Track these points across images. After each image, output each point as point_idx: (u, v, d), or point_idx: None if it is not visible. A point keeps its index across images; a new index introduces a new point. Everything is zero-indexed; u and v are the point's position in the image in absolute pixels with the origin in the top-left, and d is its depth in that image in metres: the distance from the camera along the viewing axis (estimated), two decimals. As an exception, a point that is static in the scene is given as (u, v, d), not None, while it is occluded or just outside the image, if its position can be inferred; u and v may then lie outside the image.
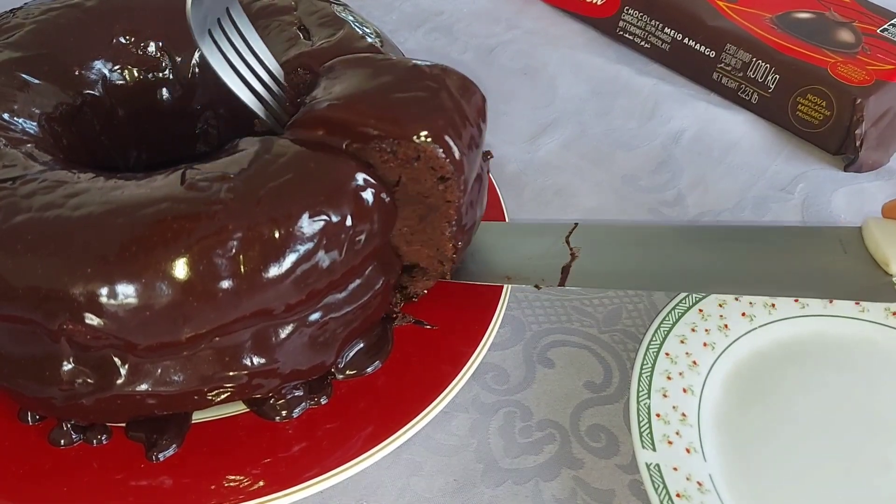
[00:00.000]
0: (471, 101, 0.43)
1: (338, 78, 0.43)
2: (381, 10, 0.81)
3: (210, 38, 0.40)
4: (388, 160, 0.41)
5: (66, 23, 0.49)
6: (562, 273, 0.46)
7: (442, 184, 0.41)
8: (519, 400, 0.48)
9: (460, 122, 0.41)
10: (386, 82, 0.42)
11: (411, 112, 0.40)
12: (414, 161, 0.40)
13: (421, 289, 0.46)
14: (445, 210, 0.42)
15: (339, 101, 0.41)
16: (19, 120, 0.44)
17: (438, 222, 0.43)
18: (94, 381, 0.38)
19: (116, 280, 0.35)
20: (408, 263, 0.45)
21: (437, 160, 0.40)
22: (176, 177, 0.38)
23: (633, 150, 0.67)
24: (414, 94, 0.41)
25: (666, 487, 0.40)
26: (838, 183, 0.65)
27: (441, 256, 0.45)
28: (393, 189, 0.42)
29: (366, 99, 0.41)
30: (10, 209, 0.37)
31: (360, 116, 0.40)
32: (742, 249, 0.48)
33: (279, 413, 0.42)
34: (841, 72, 0.66)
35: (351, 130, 0.40)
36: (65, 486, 0.38)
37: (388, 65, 0.43)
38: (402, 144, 0.40)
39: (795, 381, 0.48)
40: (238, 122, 0.51)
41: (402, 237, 0.44)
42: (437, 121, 0.40)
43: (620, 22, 0.78)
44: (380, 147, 0.40)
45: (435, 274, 0.46)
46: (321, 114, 0.41)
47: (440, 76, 0.42)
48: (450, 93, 0.42)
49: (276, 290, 0.38)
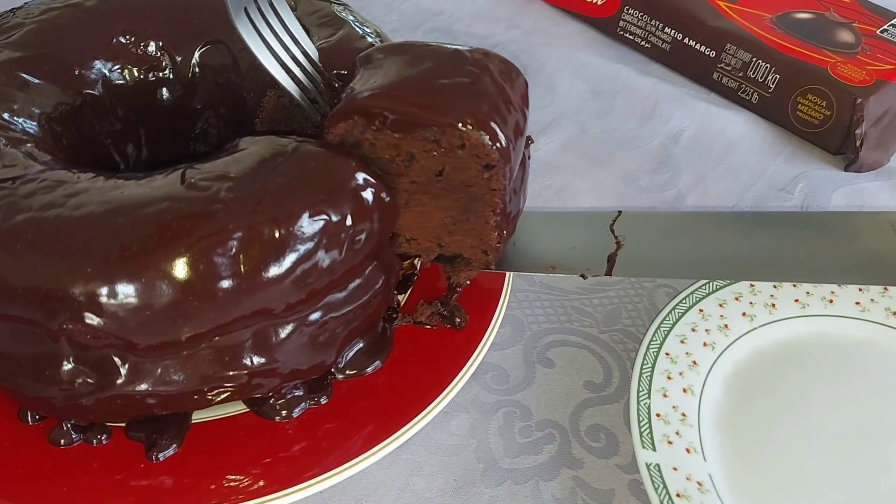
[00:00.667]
0: (514, 85, 0.42)
1: (377, 66, 0.42)
2: (381, 10, 0.81)
3: (247, 18, 0.39)
4: (432, 149, 0.40)
5: (66, 22, 0.49)
6: (608, 262, 0.45)
7: (487, 172, 0.40)
8: (519, 400, 0.48)
9: (505, 108, 0.40)
10: (427, 69, 0.41)
11: (454, 98, 0.39)
12: (458, 149, 0.39)
13: (464, 279, 0.45)
14: (490, 199, 0.41)
15: (379, 90, 0.40)
16: (19, 119, 0.44)
17: (482, 211, 0.42)
18: (94, 380, 0.38)
19: (116, 280, 0.35)
20: (450, 254, 0.45)
21: (483, 148, 0.39)
22: (176, 176, 0.38)
23: (632, 149, 0.67)
24: (456, 80, 0.40)
25: (666, 487, 0.40)
26: (838, 183, 0.65)
27: (485, 246, 0.43)
28: (436, 179, 0.41)
29: (407, 86, 0.40)
30: (11, 209, 0.37)
31: (402, 105, 0.39)
32: (791, 235, 0.46)
33: (279, 413, 0.42)
34: (841, 72, 0.66)
35: (392, 119, 0.39)
36: (65, 486, 0.38)
37: (428, 51, 0.42)
38: (447, 132, 0.39)
39: (796, 381, 0.48)
40: (238, 121, 0.51)
41: (444, 227, 0.43)
42: (481, 107, 0.39)
43: (621, 22, 0.78)
44: (423, 136, 0.39)
45: (479, 264, 0.44)
46: (362, 103, 0.40)
47: (482, 60, 0.41)
48: (493, 77, 0.41)
49: (276, 290, 0.38)
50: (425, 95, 0.40)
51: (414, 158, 0.40)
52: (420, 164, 0.40)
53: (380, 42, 0.49)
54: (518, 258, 0.46)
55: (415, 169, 0.41)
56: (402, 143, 0.40)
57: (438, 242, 0.44)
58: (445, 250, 0.45)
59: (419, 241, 0.44)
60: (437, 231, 0.44)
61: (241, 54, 0.50)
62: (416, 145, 0.40)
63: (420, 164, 0.41)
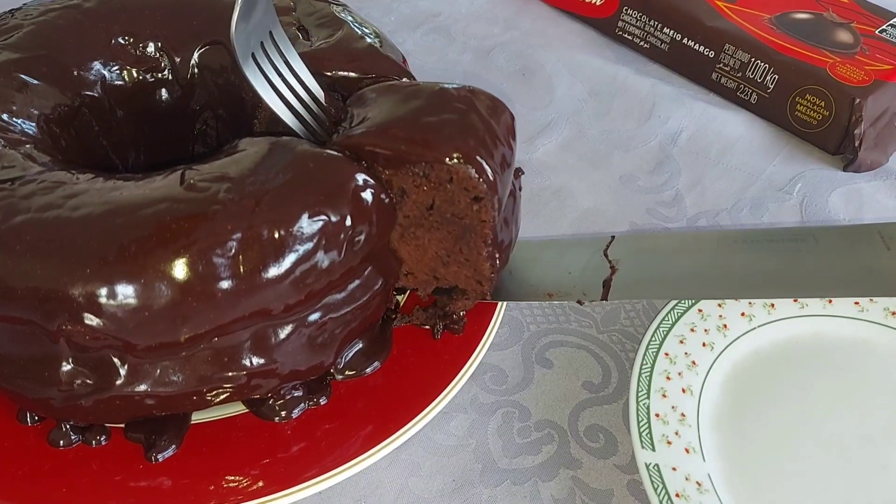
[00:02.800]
0: (500, 120, 0.43)
1: (367, 106, 0.43)
2: (379, 12, 0.81)
3: (253, 62, 0.41)
4: (422, 184, 0.41)
5: (64, 24, 0.49)
6: (603, 287, 0.46)
7: (476, 204, 0.41)
8: (517, 400, 0.48)
9: (491, 142, 0.41)
10: (415, 107, 0.42)
11: (442, 134, 0.41)
12: (447, 183, 0.41)
13: (460, 308, 0.46)
14: (481, 230, 0.42)
15: (370, 129, 0.41)
16: (18, 121, 0.44)
17: (475, 242, 0.43)
18: (93, 381, 0.38)
19: (115, 280, 0.35)
20: (446, 286, 0.46)
21: (471, 181, 0.40)
22: (175, 177, 0.38)
23: (631, 150, 0.67)
24: (443, 117, 0.41)
25: (665, 487, 0.41)
26: (836, 183, 0.65)
27: (479, 276, 0.44)
28: (428, 212, 0.42)
29: (396, 124, 0.41)
30: (10, 210, 0.37)
31: (391, 142, 0.41)
32: (783, 251, 0.47)
33: (278, 413, 0.42)
34: (840, 72, 0.66)
35: (383, 156, 0.41)
36: (64, 487, 0.38)
37: (415, 90, 0.43)
38: (435, 167, 0.40)
39: (794, 381, 0.48)
40: (237, 122, 0.51)
41: (439, 259, 0.44)
42: (468, 142, 0.41)
43: (619, 22, 0.78)
44: (412, 171, 0.41)
45: (475, 295, 0.45)
46: (354, 142, 0.41)
47: (468, 97, 0.43)
48: (479, 113, 0.42)
49: (275, 291, 0.38)
50: (414, 132, 0.41)
51: (406, 193, 0.42)
52: (412, 198, 0.42)
53: (379, 43, 0.49)
54: (514, 287, 0.47)
55: (407, 203, 0.42)
56: (394, 179, 0.41)
57: (434, 275, 0.45)
58: (442, 283, 0.45)
59: (416, 274, 0.45)
60: (432, 263, 0.44)
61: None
62: (407, 180, 0.41)
63: (412, 199, 0.42)
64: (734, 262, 0.47)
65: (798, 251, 0.47)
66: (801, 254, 0.47)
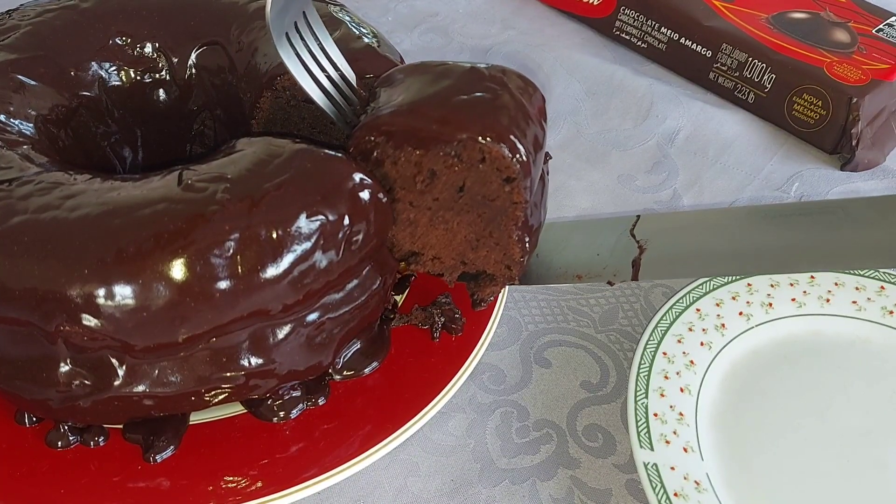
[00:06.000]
0: (532, 99, 0.42)
1: (397, 86, 0.42)
2: (377, 12, 0.81)
3: (287, 42, 0.40)
4: (453, 164, 0.40)
5: (61, 24, 0.49)
6: (633, 267, 0.45)
7: (508, 185, 0.40)
8: (516, 400, 0.48)
9: (524, 122, 0.40)
10: (446, 86, 0.41)
11: (474, 114, 0.40)
12: (479, 163, 0.40)
13: (488, 295, 0.45)
14: (512, 212, 0.41)
15: (400, 108, 0.41)
16: (15, 121, 0.43)
17: (505, 225, 0.42)
18: (91, 382, 0.38)
19: (113, 281, 0.35)
20: (474, 271, 0.45)
21: (503, 160, 0.39)
22: (173, 178, 0.38)
23: (628, 149, 0.67)
24: (475, 96, 0.41)
25: (664, 486, 0.41)
26: (833, 182, 0.65)
27: (509, 261, 0.43)
28: (458, 195, 0.41)
29: (427, 104, 0.41)
30: (7, 211, 0.37)
31: (422, 121, 0.40)
32: (814, 224, 0.45)
33: (276, 414, 0.42)
34: (837, 71, 0.67)
35: (413, 136, 0.40)
36: (62, 488, 0.38)
37: (446, 69, 0.43)
38: (467, 147, 0.39)
39: (792, 380, 0.48)
40: (234, 123, 0.51)
41: (468, 243, 0.43)
42: (500, 121, 0.40)
43: (617, 22, 0.78)
44: (444, 151, 0.40)
45: (503, 279, 0.44)
46: (384, 121, 0.40)
47: (500, 77, 0.42)
48: (511, 93, 0.41)
49: (273, 291, 0.38)
50: (445, 112, 0.40)
51: (436, 175, 0.41)
52: (442, 180, 0.41)
53: (377, 43, 0.49)
54: (542, 270, 0.46)
55: (437, 186, 0.41)
56: (424, 160, 0.40)
57: (462, 260, 0.44)
58: (469, 267, 0.44)
59: (443, 259, 0.44)
60: (461, 248, 0.43)
61: (238, 56, 0.50)
62: (438, 161, 0.40)
63: (442, 181, 0.41)
64: (765, 237, 0.45)
65: (829, 224, 0.45)
66: (833, 226, 0.45)
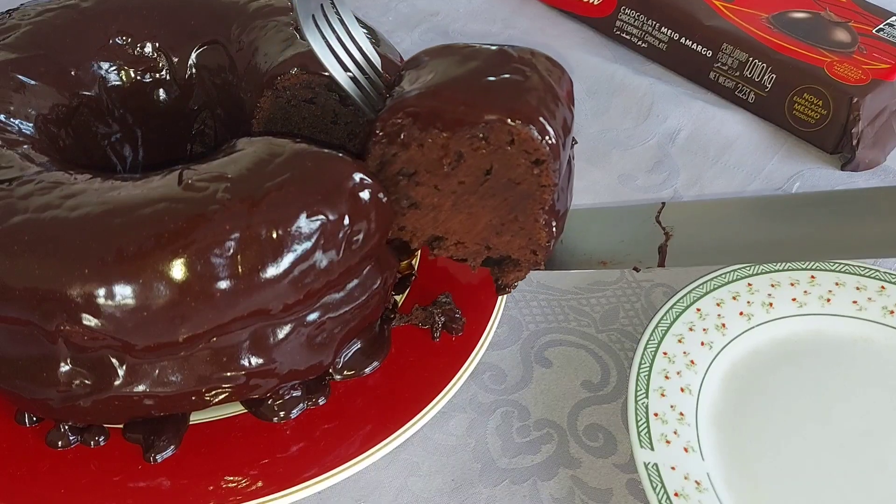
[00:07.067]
0: (561, 82, 0.42)
1: (423, 68, 0.42)
2: (377, 11, 0.81)
3: (314, 25, 0.40)
4: (480, 147, 0.39)
5: (62, 24, 0.49)
6: (659, 253, 0.44)
7: (537, 167, 0.39)
8: (516, 399, 0.48)
9: (553, 104, 0.40)
10: (473, 68, 0.41)
11: (503, 95, 0.39)
12: (507, 145, 0.39)
13: (512, 281, 0.45)
14: (540, 195, 0.40)
15: (426, 90, 0.40)
16: (16, 121, 0.43)
17: (532, 209, 0.41)
18: (92, 382, 0.38)
19: (113, 281, 0.35)
20: (498, 256, 0.44)
21: (532, 142, 0.39)
22: (173, 177, 0.38)
23: (629, 149, 0.67)
24: (504, 77, 0.40)
25: (664, 486, 0.40)
26: (834, 182, 0.65)
27: (535, 245, 0.43)
28: (484, 178, 0.40)
29: (454, 85, 0.40)
30: (7, 210, 0.37)
31: (449, 103, 0.39)
32: (840, 213, 0.44)
33: (277, 414, 0.42)
34: (837, 71, 0.66)
35: (440, 118, 0.39)
36: (62, 488, 0.38)
37: (474, 51, 0.42)
38: (495, 128, 0.39)
39: (793, 379, 0.48)
40: (235, 122, 0.51)
41: (493, 228, 0.42)
42: (529, 102, 0.39)
43: (617, 21, 0.78)
44: (471, 133, 0.39)
45: (528, 265, 0.44)
46: (410, 103, 0.40)
47: (529, 58, 0.41)
48: (540, 74, 0.41)
49: (273, 290, 0.37)
50: (472, 93, 0.40)
51: (462, 157, 0.40)
52: (468, 163, 0.40)
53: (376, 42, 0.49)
54: (567, 256, 0.46)
55: (463, 169, 0.40)
56: (451, 143, 0.40)
57: (486, 245, 0.43)
58: (493, 252, 0.44)
59: (467, 244, 0.44)
60: (485, 233, 0.43)
61: (238, 55, 0.50)
62: (465, 143, 0.40)
63: (468, 164, 0.40)
64: (792, 225, 0.45)
65: (856, 212, 0.44)
66: (859, 214, 0.44)
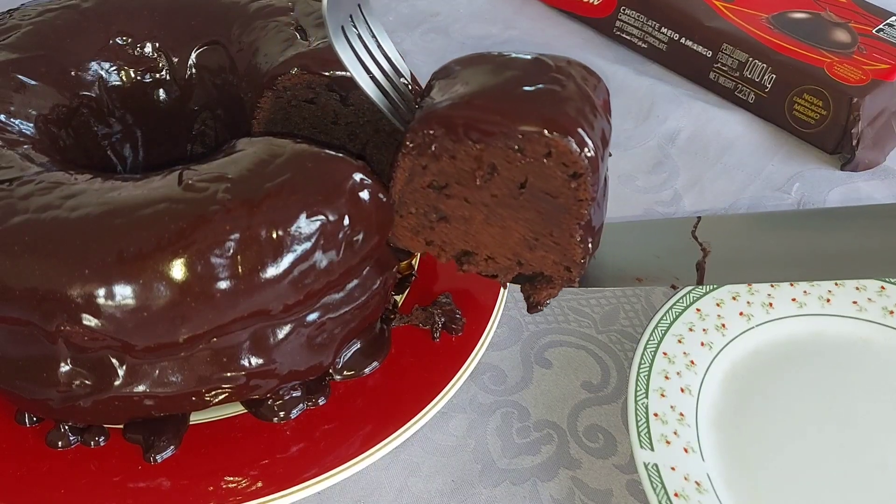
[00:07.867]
0: (597, 91, 0.40)
1: (455, 77, 0.40)
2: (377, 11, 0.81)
3: (343, 36, 0.39)
4: (515, 159, 0.38)
5: (62, 24, 0.49)
6: (697, 270, 0.43)
7: (574, 181, 0.38)
8: (516, 400, 0.48)
9: (591, 114, 0.38)
10: (508, 77, 0.39)
11: (539, 105, 0.38)
12: (544, 158, 0.37)
13: (545, 298, 0.43)
14: (577, 210, 0.39)
15: (459, 100, 0.38)
16: (16, 121, 0.44)
17: (568, 224, 0.39)
18: (92, 382, 0.38)
19: (114, 281, 0.35)
20: (530, 272, 0.43)
21: (571, 155, 0.37)
22: (173, 178, 0.38)
23: (629, 150, 0.67)
24: (539, 87, 0.38)
25: (664, 487, 0.40)
26: (834, 182, 0.65)
27: (569, 262, 0.41)
28: (518, 191, 0.39)
29: (488, 95, 0.38)
30: (8, 210, 0.37)
31: (482, 113, 0.38)
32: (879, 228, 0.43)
33: (277, 414, 0.42)
34: (837, 71, 0.66)
35: (474, 129, 0.38)
36: (62, 489, 0.38)
37: (508, 59, 0.40)
38: (532, 140, 0.37)
39: (793, 380, 0.48)
40: (235, 123, 0.51)
41: (525, 244, 0.41)
42: (567, 112, 0.38)
43: (617, 22, 0.78)
44: (506, 145, 0.38)
45: (561, 282, 0.42)
46: (442, 113, 0.38)
47: (566, 68, 0.40)
48: (577, 84, 0.39)
49: (273, 291, 0.38)
50: (507, 103, 0.38)
51: (496, 170, 0.39)
52: (502, 175, 0.39)
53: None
54: (599, 273, 0.44)
55: (496, 181, 0.39)
56: (484, 154, 0.38)
57: (518, 260, 0.42)
58: (525, 269, 0.42)
59: (498, 259, 0.42)
60: (517, 248, 0.41)
61: (239, 55, 0.50)
62: (499, 155, 0.38)
63: (502, 176, 0.39)
64: (831, 241, 0.44)
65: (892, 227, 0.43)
66: None
